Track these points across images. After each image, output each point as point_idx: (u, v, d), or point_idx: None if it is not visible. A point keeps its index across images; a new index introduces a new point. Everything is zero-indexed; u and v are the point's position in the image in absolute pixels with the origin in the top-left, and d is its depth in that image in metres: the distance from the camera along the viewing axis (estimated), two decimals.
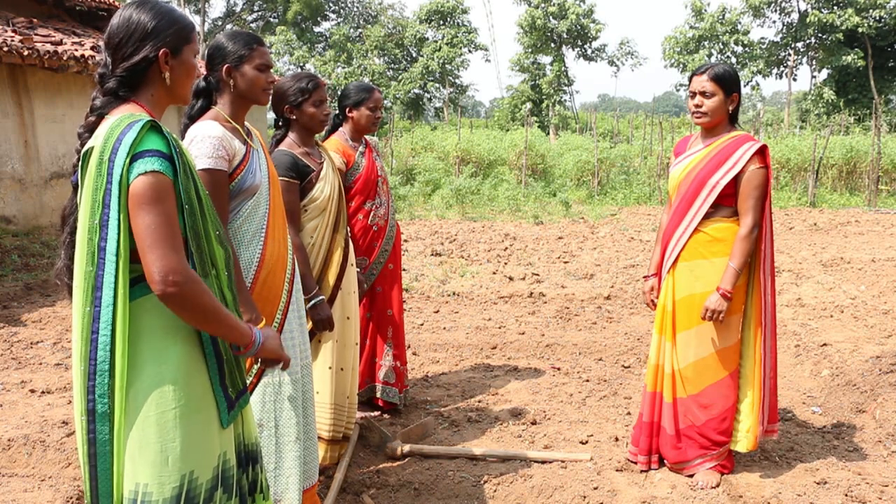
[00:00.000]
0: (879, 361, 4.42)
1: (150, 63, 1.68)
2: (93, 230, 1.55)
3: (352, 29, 40.85)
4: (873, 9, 28.85)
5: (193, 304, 1.57)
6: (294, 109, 2.93)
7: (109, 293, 1.54)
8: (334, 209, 2.98)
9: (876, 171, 13.98)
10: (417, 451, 3.34)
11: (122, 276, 1.55)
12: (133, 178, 1.54)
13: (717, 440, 3.04)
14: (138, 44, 1.66)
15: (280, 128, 3.02)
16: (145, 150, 1.55)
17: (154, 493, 1.60)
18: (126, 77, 1.67)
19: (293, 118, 2.95)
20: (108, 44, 1.69)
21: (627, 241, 9.56)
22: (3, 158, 8.85)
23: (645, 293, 3.27)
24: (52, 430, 3.48)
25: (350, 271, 3.12)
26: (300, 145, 2.97)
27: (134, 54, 1.66)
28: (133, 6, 1.69)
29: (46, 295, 6.50)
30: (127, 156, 1.53)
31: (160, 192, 1.55)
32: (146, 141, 1.57)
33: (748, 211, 2.90)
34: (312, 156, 2.97)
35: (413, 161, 16.35)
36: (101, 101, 1.68)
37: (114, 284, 1.54)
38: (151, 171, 1.54)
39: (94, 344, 1.55)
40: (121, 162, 1.53)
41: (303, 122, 2.95)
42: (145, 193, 1.54)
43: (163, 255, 1.53)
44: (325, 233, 2.95)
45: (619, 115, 31.08)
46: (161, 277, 1.53)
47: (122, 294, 1.55)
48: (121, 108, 1.67)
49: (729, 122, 3.02)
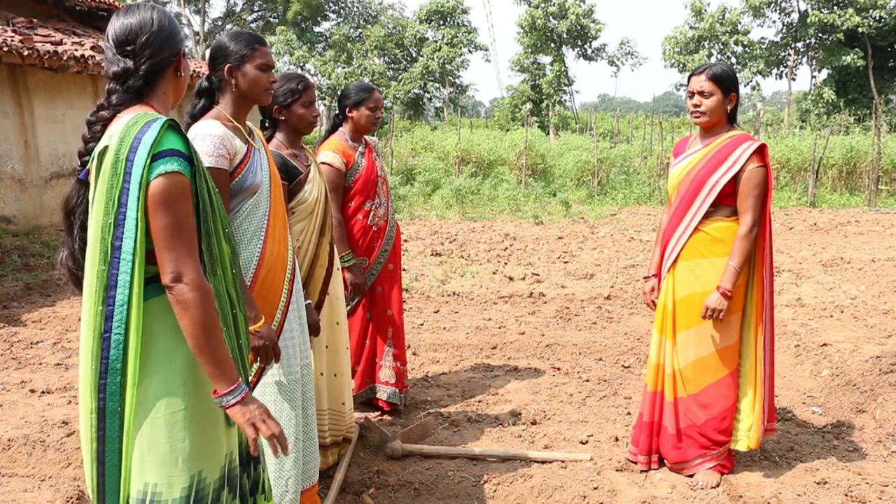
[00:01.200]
0: (879, 361, 4.42)
1: (166, 66, 1.70)
2: (106, 229, 1.55)
3: (352, 29, 40.85)
4: (873, 9, 28.85)
5: (193, 315, 1.56)
6: (283, 110, 2.90)
7: (124, 292, 1.55)
8: (321, 212, 2.93)
9: (876, 171, 13.98)
10: (417, 451, 3.34)
11: (138, 276, 1.55)
12: (153, 177, 1.54)
13: (718, 440, 3.04)
14: (162, 45, 1.69)
15: (267, 128, 2.98)
16: (165, 149, 1.56)
17: (164, 494, 1.61)
18: (148, 76, 1.69)
19: (282, 119, 2.92)
20: (126, 43, 1.68)
21: (627, 241, 9.56)
22: (3, 158, 8.85)
23: (645, 293, 3.26)
24: (52, 430, 3.48)
25: (336, 276, 3.08)
26: (288, 147, 2.93)
27: (156, 55, 1.68)
28: (151, 8, 1.71)
29: (46, 295, 6.50)
30: (148, 155, 1.53)
31: (179, 193, 1.56)
32: (165, 140, 1.57)
33: (747, 210, 2.90)
34: (300, 158, 2.93)
35: (413, 161, 16.34)
36: (120, 97, 1.68)
37: (129, 283, 1.54)
38: (171, 171, 1.55)
39: (107, 342, 1.56)
40: (141, 161, 1.53)
41: (292, 123, 2.92)
42: (165, 194, 1.54)
43: (178, 256, 1.55)
44: (311, 236, 2.90)
45: (619, 115, 31.09)
46: (173, 278, 1.55)
47: (137, 294, 1.55)
48: (133, 107, 1.67)
49: (727, 122, 3.02)
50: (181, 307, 1.56)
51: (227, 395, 1.62)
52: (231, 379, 1.62)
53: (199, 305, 1.56)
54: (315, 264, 2.93)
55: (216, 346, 1.60)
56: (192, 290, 1.55)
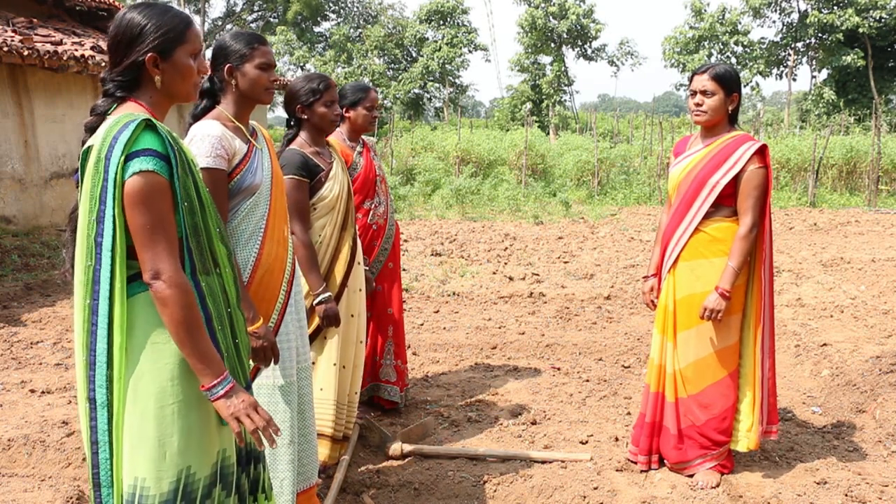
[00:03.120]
0: (879, 361, 4.42)
1: (143, 66, 1.70)
2: (90, 226, 1.59)
3: (352, 29, 40.84)
4: (873, 9, 28.85)
5: (172, 311, 1.58)
6: (305, 109, 3.00)
7: (106, 287, 1.58)
8: (343, 208, 3.06)
9: (876, 171, 13.98)
10: (417, 451, 3.34)
11: (119, 271, 1.58)
12: (127, 176, 1.56)
13: (718, 440, 3.04)
14: (128, 48, 1.69)
15: (292, 127, 3.10)
16: (140, 149, 1.58)
17: (151, 488, 1.62)
18: (122, 80, 1.70)
19: (304, 118, 3.02)
20: (108, 46, 1.73)
21: (627, 241, 9.56)
22: (3, 158, 8.85)
23: (644, 293, 3.27)
24: (52, 430, 3.48)
25: (357, 269, 3.17)
26: (311, 145, 3.04)
27: (125, 58, 1.69)
28: (130, 8, 1.72)
29: (46, 295, 6.50)
30: (121, 155, 1.56)
31: (153, 192, 1.58)
32: (141, 140, 1.59)
33: (748, 210, 2.91)
34: (323, 155, 3.05)
35: (413, 161, 16.34)
36: (101, 101, 1.72)
37: (110, 279, 1.58)
38: (145, 170, 1.57)
39: (94, 336, 1.60)
40: (115, 160, 1.56)
41: (314, 122, 3.02)
42: (139, 193, 1.57)
43: (155, 254, 1.58)
44: (333, 231, 3.04)
45: (619, 115, 31.06)
46: (152, 275, 1.58)
47: (119, 288, 1.59)
48: (122, 107, 1.70)
49: (728, 122, 3.02)
50: (160, 304, 1.59)
51: (213, 388, 1.64)
52: (215, 372, 1.64)
53: (177, 302, 1.58)
54: (336, 258, 3.06)
55: (198, 341, 1.61)
56: (169, 288, 1.58)
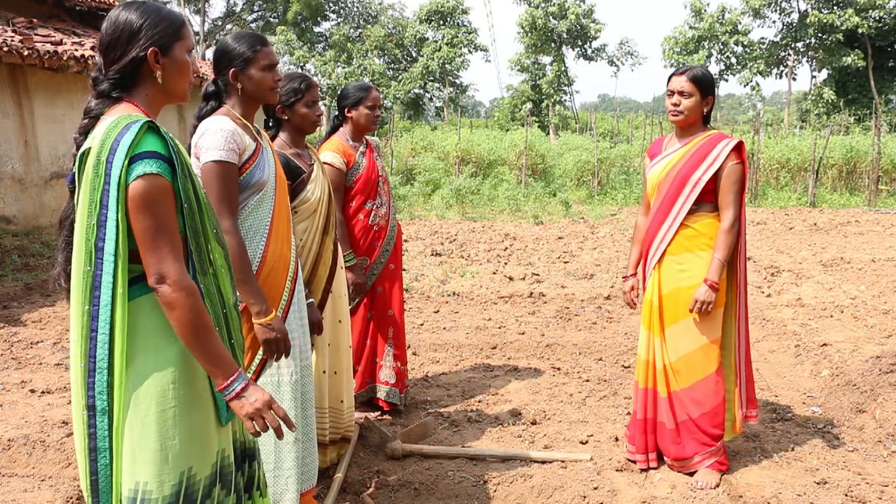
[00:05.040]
0: (879, 361, 4.42)
1: (141, 63, 1.67)
2: (90, 230, 1.56)
3: (352, 29, 40.84)
4: (873, 9, 28.87)
5: (180, 314, 1.58)
6: (286, 109, 2.90)
7: (108, 292, 1.56)
8: (324, 211, 2.92)
9: (876, 171, 13.98)
10: (417, 451, 3.34)
11: (122, 276, 1.56)
12: (131, 179, 1.54)
13: (713, 433, 3.08)
14: (126, 45, 1.65)
15: (271, 128, 2.98)
16: (143, 151, 1.56)
17: (154, 492, 1.61)
18: (118, 79, 1.67)
19: (285, 118, 2.92)
20: (100, 46, 1.69)
21: (627, 241, 9.55)
22: (3, 158, 8.84)
23: (625, 293, 3.35)
24: (52, 430, 3.48)
25: (339, 274, 3.09)
26: (291, 146, 2.93)
27: (123, 56, 1.65)
28: (121, 7, 1.69)
29: (46, 295, 6.50)
30: (125, 157, 1.54)
31: (158, 195, 1.57)
32: (144, 142, 1.57)
33: (729, 205, 3.01)
34: (303, 157, 2.93)
35: (413, 161, 16.34)
36: (95, 103, 1.67)
37: (112, 284, 1.56)
38: (149, 173, 1.55)
39: (94, 342, 1.58)
40: (119, 163, 1.53)
41: (295, 123, 2.92)
42: (144, 196, 1.55)
43: (160, 258, 1.57)
44: (314, 235, 2.90)
45: (619, 115, 31.06)
46: (157, 279, 1.57)
47: (121, 293, 1.57)
48: (116, 108, 1.66)
49: (702, 123, 3.13)
50: (167, 308, 1.58)
51: (227, 387, 1.64)
52: (227, 373, 1.63)
53: (184, 305, 1.57)
54: (318, 263, 2.93)
55: (208, 343, 1.61)
56: (175, 291, 1.56)
